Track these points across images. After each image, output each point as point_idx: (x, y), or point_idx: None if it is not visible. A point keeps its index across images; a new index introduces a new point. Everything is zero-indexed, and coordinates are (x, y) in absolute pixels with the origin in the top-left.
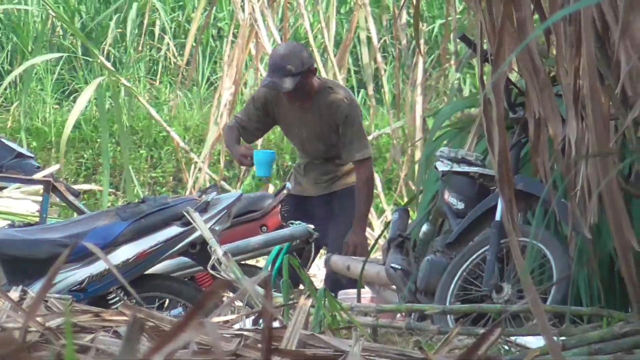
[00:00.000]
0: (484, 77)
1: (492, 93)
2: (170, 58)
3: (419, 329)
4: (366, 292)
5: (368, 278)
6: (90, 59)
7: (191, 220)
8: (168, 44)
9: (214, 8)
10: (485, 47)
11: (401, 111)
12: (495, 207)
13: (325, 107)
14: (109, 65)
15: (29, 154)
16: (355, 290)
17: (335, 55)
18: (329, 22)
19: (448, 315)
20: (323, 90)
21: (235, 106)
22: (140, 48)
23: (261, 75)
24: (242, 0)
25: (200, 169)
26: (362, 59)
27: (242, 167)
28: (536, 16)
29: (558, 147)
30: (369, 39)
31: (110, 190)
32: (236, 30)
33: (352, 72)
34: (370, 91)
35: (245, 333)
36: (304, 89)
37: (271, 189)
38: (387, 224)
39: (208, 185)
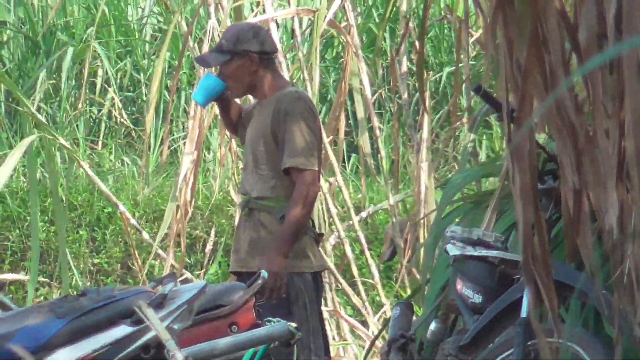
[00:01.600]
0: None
1: (514, 158)
2: (115, 116)
3: None
4: None
5: None
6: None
7: (144, 318)
8: (112, 99)
9: (168, 54)
10: (510, 100)
11: (402, 181)
12: (520, 300)
13: (275, 101)
14: (43, 120)
15: None
16: None
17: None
18: (312, 71)
19: None
20: (284, 87)
21: (197, 177)
22: (78, 104)
23: (227, 136)
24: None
25: (156, 254)
26: (351, 116)
27: (205, 252)
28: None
29: (603, 225)
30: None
31: (42, 280)
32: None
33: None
34: (365, 157)
35: None
36: (238, 76)
37: None
38: (386, 322)
39: (165, 274)
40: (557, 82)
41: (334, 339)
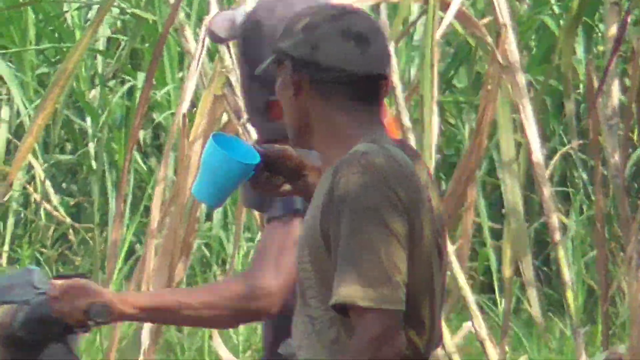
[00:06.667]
0: None
1: None
2: (36, 201)
3: None
4: None
5: None
6: None
7: None
8: (30, 168)
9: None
10: None
11: (613, 335)
12: None
13: (333, 174)
14: None
15: None
16: None
17: None
18: (427, 108)
19: None
20: (356, 142)
21: None
22: None
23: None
24: None
25: None
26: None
27: None
28: None
29: None
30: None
31: None
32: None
33: None
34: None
35: None
36: (282, 103)
37: None
38: None
39: None
40: None
41: None
